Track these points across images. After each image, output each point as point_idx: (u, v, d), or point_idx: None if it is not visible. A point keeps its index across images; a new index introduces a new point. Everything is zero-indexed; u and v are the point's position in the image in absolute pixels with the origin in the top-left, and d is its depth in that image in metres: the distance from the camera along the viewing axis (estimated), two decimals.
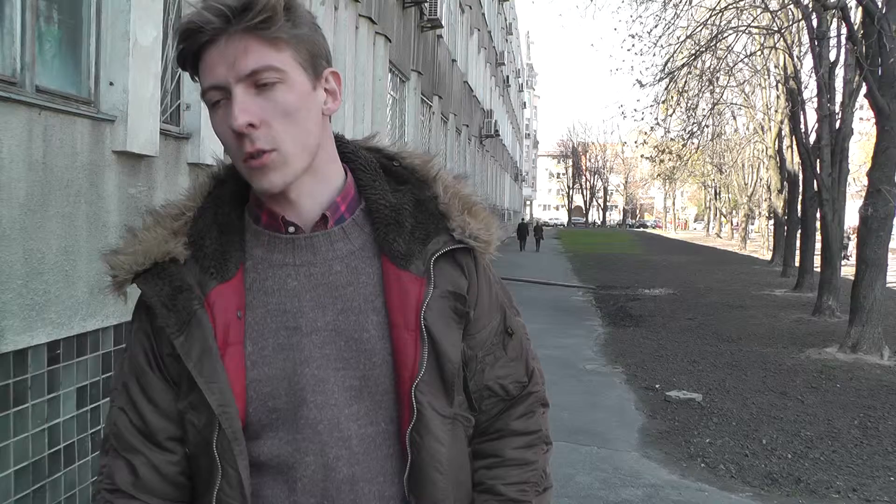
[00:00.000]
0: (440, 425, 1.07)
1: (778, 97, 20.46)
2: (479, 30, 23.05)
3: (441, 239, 1.09)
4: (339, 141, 1.14)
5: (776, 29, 13.67)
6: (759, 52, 16.95)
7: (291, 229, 1.08)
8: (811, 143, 14.26)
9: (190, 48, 0.99)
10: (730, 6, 13.60)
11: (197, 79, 1.02)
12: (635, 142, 18.16)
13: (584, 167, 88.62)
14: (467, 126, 20.79)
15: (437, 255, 1.08)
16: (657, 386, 7.36)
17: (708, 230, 63.28)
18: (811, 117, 15.52)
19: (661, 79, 14.77)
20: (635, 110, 25.24)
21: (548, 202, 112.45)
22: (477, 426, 1.17)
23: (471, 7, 20.51)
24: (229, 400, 1.01)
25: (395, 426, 1.07)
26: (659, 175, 33.50)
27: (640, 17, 27.38)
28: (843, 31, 12.02)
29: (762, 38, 15.59)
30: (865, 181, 9.83)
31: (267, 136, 0.98)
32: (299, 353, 1.05)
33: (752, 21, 14.72)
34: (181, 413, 1.06)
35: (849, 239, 24.35)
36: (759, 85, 22.57)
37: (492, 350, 1.16)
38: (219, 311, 1.04)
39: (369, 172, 1.13)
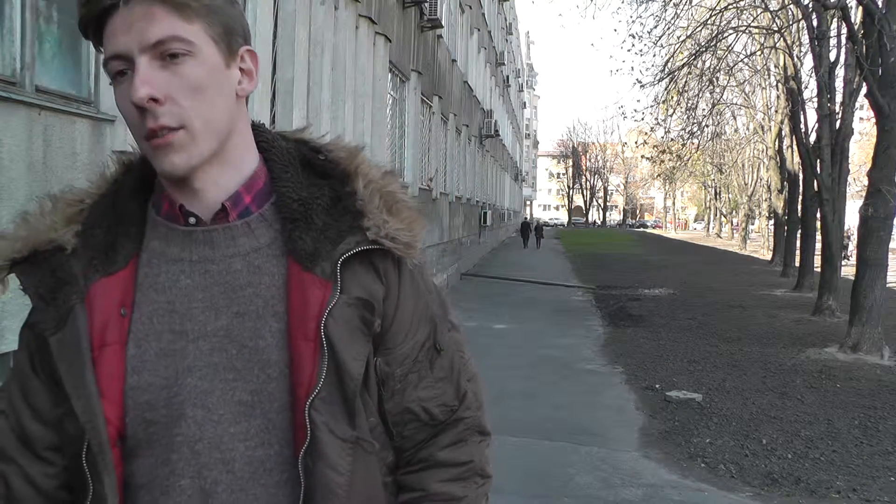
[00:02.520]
0: (337, 450, 0.93)
1: (778, 97, 20.46)
2: (479, 30, 23.03)
3: (353, 239, 0.96)
4: (258, 129, 1.03)
5: (776, 29, 13.68)
6: (759, 52, 16.95)
7: (192, 220, 0.97)
8: (811, 143, 14.26)
9: (90, 13, 0.90)
10: (730, 6, 13.61)
11: (101, 49, 0.92)
12: (635, 142, 18.18)
13: (584, 167, 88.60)
14: (467, 126, 20.78)
15: (348, 257, 0.95)
16: (657, 386, 7.36)
17: (708, 230, 63.25)
18: (811, 117, 15.55)
19: (661, 79, 14.79)
20: (635, 110, 25.29)
21: (548, 202, 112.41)
22: (401, 454, 1.04)
23: (471, 7, 20.50)
24: (95, 409, 0.90)
25: (291, 449, 0.93)
26: (659, 175, 33.49)
27: (640, 17, 27.43)
28: (844, 30, 12.03)
29: (762, 38, 15.59)
30: (865, 181, 9.83)
31: (172, 112, 0.89)
32: (182, 361, 0.93)
33: (752, 21, 14.73)
34: (59, 420, 0.96)
35: (849, 239, 24.35)
36: (759, 85, 22.59)
37: (415, 368, 1.02)
38: (98, 307, 0.94)
39: (282, 163, 1.00)
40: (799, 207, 18.52)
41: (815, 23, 12.16)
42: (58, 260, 0.95)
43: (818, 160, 12.92)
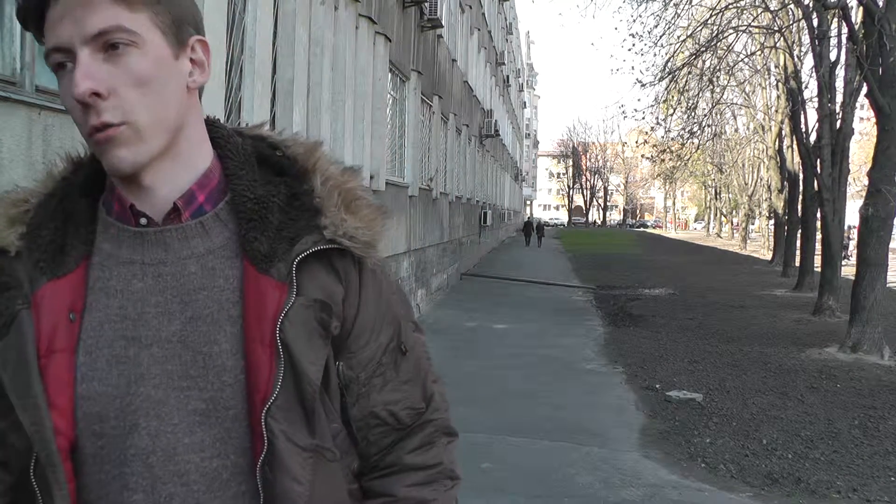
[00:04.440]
0: (297, 459, 0.89)
1: (778, 97, 20.47)
2: (479, 30, 23.01)
3: (311, 238, 0.92)
4: (213, 125, 0.99)
5: (776, 28, 13.69)
6: (759, 52, 16.96)
7: (143, 221, 0.92)
8: (811, 142, 14.26)
9: (29, 2, 0.86)
10: (730, 6, 13.60)
11: (43, 40, 0.87)
12: (636, 142, 18.18)
13: (584, 167, 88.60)
14: (467, 126, 20.77)
15: (305, 257, 0.91)
16: (657, 386, 7.35)
17: (708, 230, 63.25)
18: (811, 117, 15.56)
19: (661, 78, 14.79)
20: (636, 110, 25.26)
21: (548, 202, 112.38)
22: (366, 460, 1.00)
23: (471, 7, 20.47)
24: (43, 419, 0.86)
25: (248, 459, 0.89)
26: (659, 175, 33.53)
27: (641, 16, 27.40)
28: (844, 30, 12.03)
29: (762, 38, 15.59)
30: (866, 181, 9.83)
31: (116, 108, 0.84)
32: (135, 369, 0.89)
33: (753, 21, 14.73)
34: (3, 434, 0.90)
35: (849, 239, 24.34)
36: (760, 85, 22.60)
37: (380, 371, 0.98)
38: (46, 311, 0.89)
39: (237, 160, 0.96)
40: (799, 207, 18.54)
41: (815, 23, 12.17)
42: (1, 263, 0.91)
43: (818, 160, 12.92)
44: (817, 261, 14.96)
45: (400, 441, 1.01)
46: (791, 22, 14.22)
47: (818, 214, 14.50)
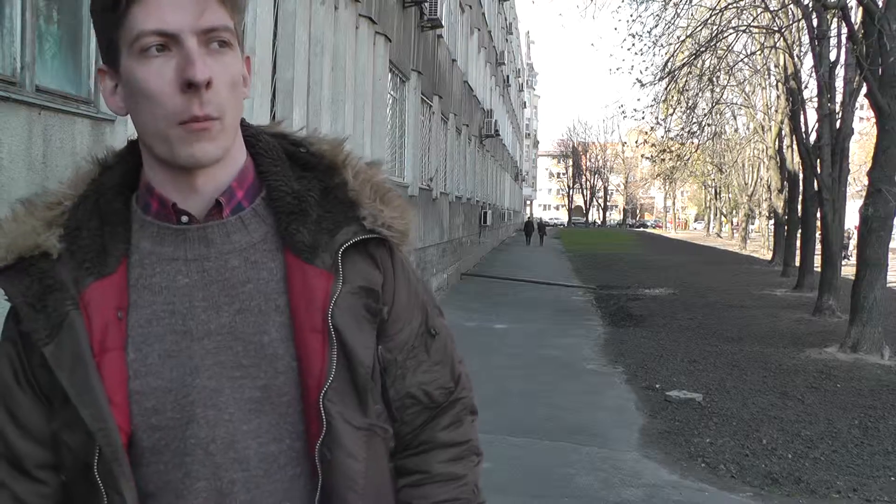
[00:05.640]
0: (353, 438, 0.95)
1: (778, 97, 20.47)
2: (479, 30, 23.00)
3: (351, 229, 0.96)
4: (241, 124, 1.01)
5: (776, 28, 13.69)
6: (759, 52, 16.96)
7: (184, 219, 0.95)
8: (811, 142, 14.26)
9: None
10: (730, 6, 13.60)
11: (123, 24, 0.87)
12: (636, 141, 18.19)
13: (584, 167, 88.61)
14: (467, 126, 20.76)
15: (347, 247, 0.95)
16: (657, 386, 7.35)
17: (708, 230, 63.26)
18: (811, 117, 15.55)
19: (661, 78, 14.80)
20: (635, 110, 25.20)
21: (548, 202, 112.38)
22: (400, 439, 1.05)
23: (471, 7, 20.47)
24: (106, 415, 0.88)
25: (303, 442, 0.94)
26: (659, 175, 33.53)
27: (640, 16, 27.44)
28: (844, 30, 12.04)
29: (762, 38, 15.60)
30: (866, 181, 9.83)
31: (214, 102, 0.87)
32: (189, 361, 0.92)
33: (753, 20, 14.73)
34: (55, 434, 0.92)
35: (849, 238, 24.35)
36: (760, 84, 22.59)
37: (413, 353, 1.04)
38: (95, 310, 0.91)
39: (270, 157, 1.00)
40: (799, 207, 18.53)
41: (815, 22, 12.17)
42: (43, 266, 0.92)
43: (818, 160, 12.92)
44: (817, 261, 14.96)
45: (432, 419, 1.07)
46: (791, 22, 14.21)
47: (818, 214, 14.49)
